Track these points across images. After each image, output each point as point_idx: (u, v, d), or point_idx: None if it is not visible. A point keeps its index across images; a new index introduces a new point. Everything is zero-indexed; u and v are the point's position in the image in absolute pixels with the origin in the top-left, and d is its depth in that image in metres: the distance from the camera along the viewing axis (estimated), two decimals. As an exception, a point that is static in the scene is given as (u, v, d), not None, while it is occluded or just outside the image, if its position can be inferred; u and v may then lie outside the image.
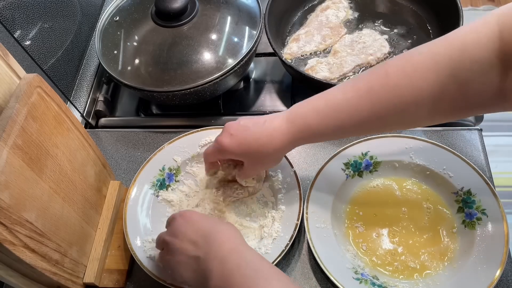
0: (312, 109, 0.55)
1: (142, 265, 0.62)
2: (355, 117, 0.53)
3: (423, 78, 0.48)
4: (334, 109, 0.54)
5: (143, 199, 0.70)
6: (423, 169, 0.69)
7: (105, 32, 0.84)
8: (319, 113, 0.55)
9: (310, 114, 0.55)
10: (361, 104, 0.52)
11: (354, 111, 0.53)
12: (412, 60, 0.50)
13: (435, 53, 0.48)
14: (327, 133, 0.56)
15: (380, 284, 0.60)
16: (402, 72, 0.50)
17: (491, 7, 2.21)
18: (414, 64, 0.49)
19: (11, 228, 0.46)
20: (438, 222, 0.66)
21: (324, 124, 0.55)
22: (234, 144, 0.58)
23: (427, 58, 0.49)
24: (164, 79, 0.76)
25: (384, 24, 0.90)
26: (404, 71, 0.50)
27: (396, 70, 0.50)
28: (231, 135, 0.58)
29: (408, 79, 0.49)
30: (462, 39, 0.47)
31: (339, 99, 0.54)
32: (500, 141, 1.76)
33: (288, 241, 0.63)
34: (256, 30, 0.80)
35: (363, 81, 0.53)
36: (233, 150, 0.58)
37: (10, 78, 0.51)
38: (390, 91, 0.50)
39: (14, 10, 0.74)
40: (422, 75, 0.48)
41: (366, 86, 0.52)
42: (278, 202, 0.68)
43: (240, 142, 0.58)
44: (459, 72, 0.46)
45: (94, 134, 0.84)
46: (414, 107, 0.50)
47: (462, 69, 0.46)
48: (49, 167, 0.54)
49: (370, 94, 0.51)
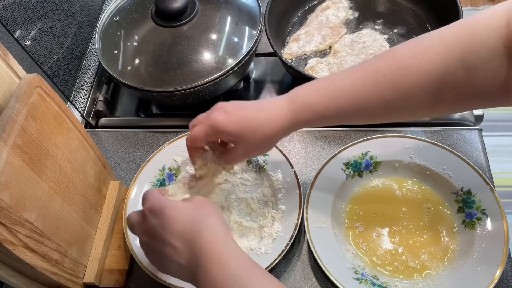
0: (315, 89, 0.53)
1: (142, 265, 0.62)
2: (358, 97, 0.51)
3: (431, 60, 0.48)
4: (337, 88, 0.52)
5: (143, 199, 0.70)
6: (423, 169, 0.69)
7: (105, 32, 0.84)
8: (321, 93, 0.52)
9: (311, 94, 0.53)
10: (366, 83, 0.51)
11: (357, 90, 0.51)
12: (421, 43, 0.50)
13: (445, 37, 0.48)
14: (328, 115, 0.53)
15: (380, 284, 0.60)
16: (410, 54, 0.49)
17: (491, 7, 2.21)
18: (423, 46, 0.49)
19: (11, 228, 0.46)
20: (438, 222, 0.66)
21: (326, 104, 0.52)
22: (230, 122, 0.53)
23: (437, 41, 0.49)
24: (164, 79, 0.76)
25: (384, 24, 0.90)
26: (412, 53, 0.49)
27: (404, 52, 0.50)
28: (226, 112, 0.53)
29: (416, 60, 0.49)
30: (473, 23, 0.47)
31: (344, 79, 0.52)
32: (500, 141, 1.76)
33: (288, 241, 0.63)
34: (256, 30, 0.80)
35: (370, 62, 0.52)
36: (229, 127, 0.53)
37: (10, 78, 0.51)
38: (396, 71, 0.50)
39: (14, 10, 0.74)
40: (430, 57, 0.48)
41: (372, 67, 0.51)
42: (278, 202, 0.68)
43: (236, 120, 0.53)
44: (467, 56, 0.46)
45: (94, 134, 0.84)
46: (419, 90, 0.49)
47: (471, 53, 0.46)
48: (49, 167, 0.54)
49: (376, 74, 0.51)
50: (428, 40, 0.50)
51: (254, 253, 0.63)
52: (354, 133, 0.78)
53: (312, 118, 0.53)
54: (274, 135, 0.55)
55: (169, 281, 0.61)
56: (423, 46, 0.49)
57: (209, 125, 0.54)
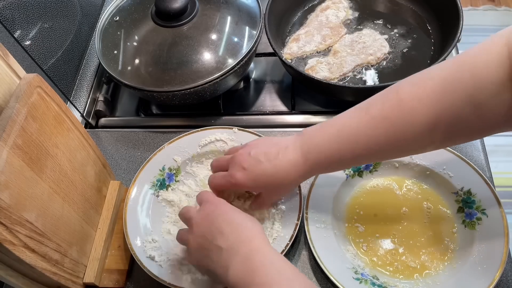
0: (327, 141, 0.55)
1: (142, 265, 0.62)
2: (371, 146, 0.53)
3: (437, 104, 0.48)
4: (350, 140, 0.54)
5: (143, 199, 0.70)
6: (423, 169, 0.69)
7: (105, 32, 0.84)
8: (334, 146, 0.55)
9: (325, 146, 0.55)
10: (377, 134, 0.52)
11: (370, 141, 0.53)
12: (425, 86, 0.50)
13: (446, 78, 0.48)
14: (342, 164, 0.58)
15: (380, 284, 0.60)
16: (415, 98, 0.50)
17: (491, 7, 2.21)
18: (427, 90, 0.49)
19: (11, 228, 0.46)
20: (438, 222, 0.66)
21: (340, 155, 0.55)
22: (249, 180, 0.57)
23: (439, 82, 0.49)
24: (164, 79, 0.76)
25: (384, 24, 0.90)
26: (418, 98, 0.50)
27: (409, 97, 0.50)
28: (245, 170, 0.57)
29: (421, 104, 0.49)
30: (472, 61, 0.47)
31: (354, 128, 0.54)
32: (500, 141, 1.76)
33: (288, 241, 0.63)
34: (256, 30, 0.80)
35: (376, 108, 0.53)
36: (248, 185, 0.58)
37: (10, 78, 0.51)
38: (404, 118, 0.50)
39: (14, 10, 0.74)
40: (436, 99, 0.49)
41: (380, 114, 0.52)
42: (278, 202, 0.67)
43: (255, 178, 0.57)
44: (472, 94, 0.46)
45: (94, 134, 0.84)
46: (429, 132, 0.50)
47: (475, 91, 0.46)
48: (49, 167, 0.54)
49: (385, 123, 0.52)
50: (430, 81, 0.50)
51: (254, 253, 0.63)
52: (354, 133, 0.77)
53: (327, 168, 0.59)
54: (293, 185, 0.64)
55: (169, 280, 0.61)
56: (426, 89, 0.49)
57: (229, 182, 0.59)
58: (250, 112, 0.87)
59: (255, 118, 0.85)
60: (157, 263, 0.63)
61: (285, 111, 0.86)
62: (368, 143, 0.53)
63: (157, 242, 0.66)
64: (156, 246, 0.65)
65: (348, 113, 0.56)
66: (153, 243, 0.65)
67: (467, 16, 0.73)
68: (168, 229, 0.68)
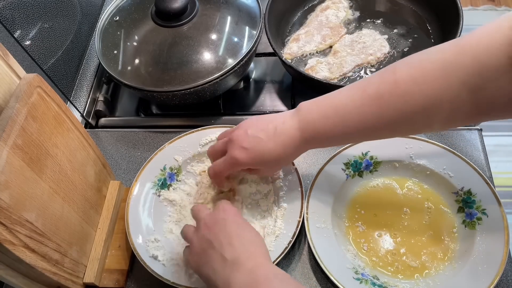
0: (323, 117, 0.56)
1: (145, 264, 0.62)
2: (364, 125, 0.54)
3: (433, 87, 0.48)
4: (344, 118, 0.54)
5: (144, 199, 0.70)
6: (423, 169, 0.69)
7: (105, 32, 0.84)
8: (330, 121, 0.55)
9: (321, 122, 0.56)
10: (371, 112, 0.52)
11: (363, 119, 0.53)
12: (422, 68, 0.49)
13: (446, 61, 0.48)
14: (337, 140, 0.59)
15: (381, 284, 0.60)
16: (411, 79, 0.49)
17: (491, 7, 2.21)
18: (424, 72, 0.49)
19: (11, 228, 0.46)
20: (438, 222, 0.66)
21: (335, 131, 0.56)
22: (251, 158, 0.58)
23: (438, 66, 0.48)
24: (164, 79, 0.76)
25: (384, 24, 0.90)
26: (413, 78, 0.49)
27: (405, 78, 0.50)
28: (245, 149, 0.58)
29: (417, 87, 0.49)
30: (474, 45, 0.46)
31: (349, 106, 0.54)
32: (500, 141, 1.76)
33: (290, 238, 0.63)
34: (256, 30, 0.80)
35: (371, 87, 0.53)
36: (249, 163, 0.59)
37: (10, 78, 0.51)
38: (398, 98, 0.50)
39: (14, 10, 0.74)
40: (432, 83, 0.48)
41: (375, 93, 0.52)
42: (280, 200, 0.68)
43: (255, 156, 0.58)
44: (470, 79, 0.46)
45: (94, 134, 0.84)
46: (423, 115, 0.50)
47: (474, 76, 0.45)
48: (49, 167, 0.54)
49: (379, 102, 0.51)
50: (429, 64, 0.49)
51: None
52: (354, 133, 0.77)
53: (321, 144, 0.60)
54: (289, 161, 0.66)
55: (172, 280, 0.61)
56: (423, 71, 0.49)
57: (230, 163, 0.60)
58: (250, 112, 0.87)
59: (255, 118, 0.85)
60: (160, 262, 0.63)
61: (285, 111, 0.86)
62: (363, 121, 0.53)
63: (160, 241, 0.66)
64: (158, 246, 0.65)
65: (345, 91, 0.56)
66: (155, 243, 0.65)
67: (467, 16, 0.73)
68: (170, 229, 0.68)
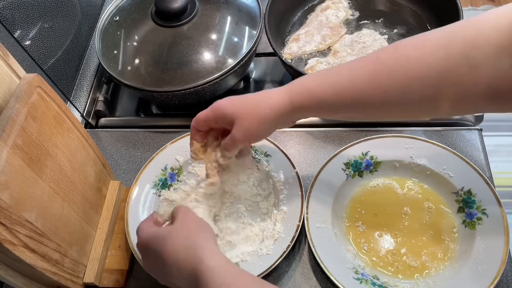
0: (315, 76, 0.55)
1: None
2: (356, 84, 0.51)
3: (431, 53, 0.47)
4: (336, 75, 0.53)
5: (145, 199, 0.70)
6: (423, 169, 0.69)
7: (105, 32, 0.84)
8: (320, 79, 0.53)
9: (310, 79, 0.55)
10: (365, 71, 0.51)
11: (355, 77, 0.51)
12: (425, 36, 0.49)
13: (449, 31, 0.48)
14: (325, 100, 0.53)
15: (381, 284, 0.60)
16: (411, 45, 0.49)
17: (491, 7, 2.21)
18: (425, 39, 0.49)
19: (11, 228, 0.46)
20: (438, 222, 0.66)
21: (323, 88, 0.53)
22: (230, 104, 0.56)
23: (440, 35, 0.48)
24: (164, 79, 0.76)
25: (384, 24, 0.90)
26: (413, 44, 0.49)
27: (406, 44, 0.50)
28: (229, 99, 0.57)
29: (416, 52, 0.48)
30: (481, 21, 0.46)
31: (344, 67, 0.53)
32: (500, 141, 1.76)
33: (289, 242, 0.62)
34: (256, 30, 0.80)
35: (372, 53, 0.53)
36: (228, 108, 0.56)
37: (10, 78, 0.51)
38: (396, 61, 0.49)
39: (14, 10, 0.74)
40: (430, 49, 0.47)
41: (373, 56, 0.52)
42: (280, 203, 0.67)
43: (236, 103, 0.56)
44: (471, 52, 0.45)
45: (94, 134, 0.84)
46: (418, 84, 0.48)
47: (475, 48, 0.45)
48: (49, 167, 0.54)
49: (376, 62, 0.50)
50: (431, 34, 0.49)
51: (255, 254, 0.63)
52: (355, 133, 0.78)
53: (309, 102, 0.54)
54: (271, 117, 0.55)
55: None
56: (425, 39, 0.49)
57: (211, 108, 0.58)
58: (250, 112, 0.87)
59: (255, 118, 0.84)
60: None
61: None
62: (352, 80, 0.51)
63: (158, 242, 0.66)
64: None
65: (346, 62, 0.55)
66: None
67: (467, 16, 0.73)
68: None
